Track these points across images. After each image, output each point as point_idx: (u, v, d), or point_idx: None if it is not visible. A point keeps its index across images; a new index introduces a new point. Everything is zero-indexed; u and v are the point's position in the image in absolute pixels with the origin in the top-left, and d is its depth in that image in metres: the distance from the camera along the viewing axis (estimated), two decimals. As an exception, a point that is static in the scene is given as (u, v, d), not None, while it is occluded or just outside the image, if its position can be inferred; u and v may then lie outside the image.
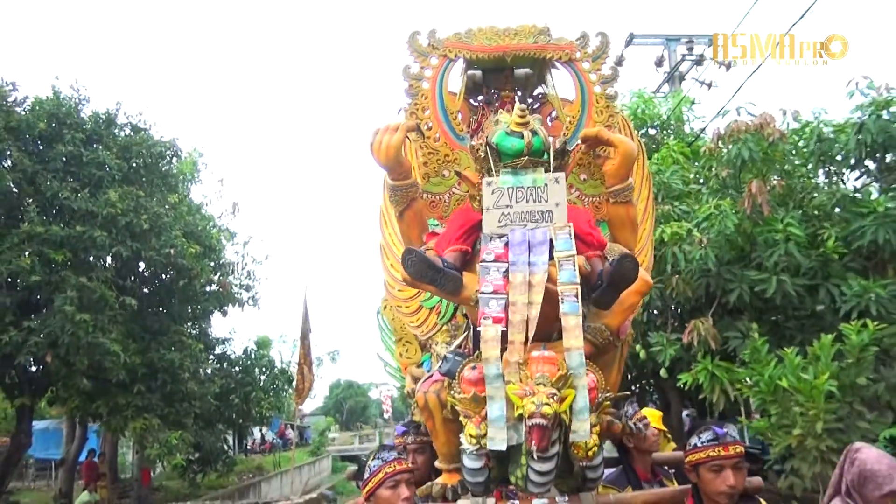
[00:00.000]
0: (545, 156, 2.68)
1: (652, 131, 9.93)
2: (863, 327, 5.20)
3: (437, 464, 2.95)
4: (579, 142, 3.06)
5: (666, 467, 3.45)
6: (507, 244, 2.56)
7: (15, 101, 11.23)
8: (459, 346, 2.97)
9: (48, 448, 18.18)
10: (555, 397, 2.21)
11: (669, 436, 3.85)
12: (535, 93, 3.40)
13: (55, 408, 14.06)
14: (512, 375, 2.31)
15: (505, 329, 2.39)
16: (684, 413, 12.23)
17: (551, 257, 2.49)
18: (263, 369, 16.22)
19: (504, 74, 3.27)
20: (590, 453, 2.35)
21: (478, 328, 2.51)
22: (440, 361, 2.86)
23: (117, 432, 13.57)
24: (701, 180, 7.97)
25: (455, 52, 3.17)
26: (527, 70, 3.25)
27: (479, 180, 2.75)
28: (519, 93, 3.34)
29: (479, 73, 3.27)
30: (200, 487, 15.31)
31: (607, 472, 3.28)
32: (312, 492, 16.83)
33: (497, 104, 3.23)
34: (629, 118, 10.22)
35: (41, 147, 11.27)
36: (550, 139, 2.75)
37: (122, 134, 12.88)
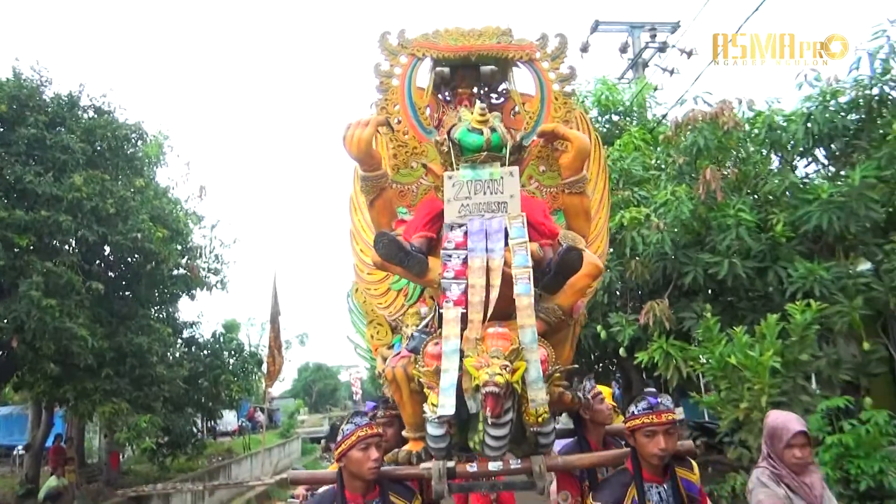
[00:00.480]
0: (503, 151, 2.92)
1: (615, 118, 10.20)
2: (806, 307, 5.53)
3: (404, 433, 3.17)
4: (537, 136, 3.26)
5: (619, 438, 3.69)
6: (466, 233, 2.80)
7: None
8: (427, 326, 3.18)
9: (12, 434, 18.03)
10: (507, 368, 2.46)
11: (619, 410, 4.11)
12: (500, 88, 3.60)
13: (20, 393, 13.93)
14: (470, 350, 2.55)
15: (465, 310, 2.64)
16: (646, 391, 12.65)
17: (506, 244, 2.73)
18: (233, 353, 16.23)
19: (470, 71, 3.46)
20: (540, 419, 2.60)
21: (441, 309, 2.77)
22: (408, 340, 3.08)
23: (84, 417, 13.52)
24: (662, 165, 8.25)
25: (423, 51, 3.36)
26: (492, 67, 3.46)
27: (444, 173, 2.98)
28: (485, 88, 3.55)
29: (447, 69, 3.46)
30: (170, 470, 15.30)
31: (563, 442, 3.55)
32: (283, 473, 16.98)
33: (457, 100, 3.44)
34: (594, 104, 10.51)
35: (2, 130, 11.06)
36: (509, 135, 2.98)
37: (86, 116, 12.69)
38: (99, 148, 12.30)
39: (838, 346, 6.38)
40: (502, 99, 3.57)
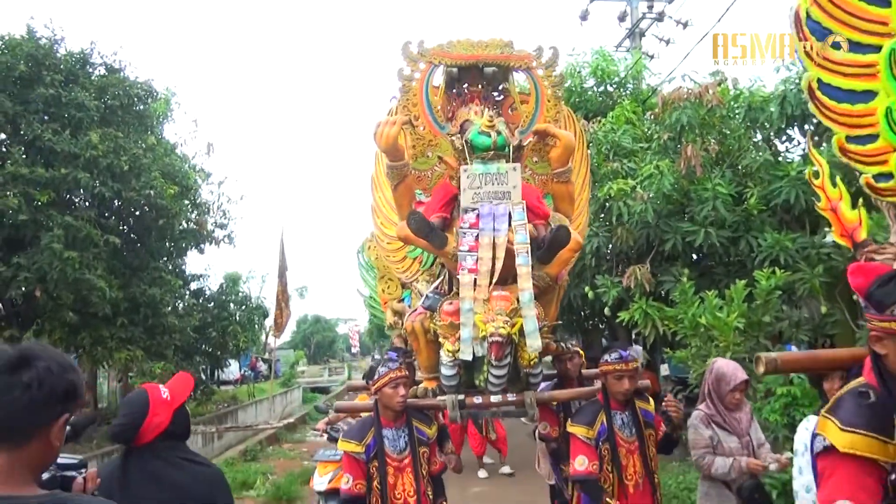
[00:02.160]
0: (507, 150, 3.60)
1: (610, 88, 10.64)
2: (772, 274, 6.13)
3: (418, 375, 3.93)
4: (532, 133, 3.92)
5: (589, 381, 4.50)
6: (478, 215, 3.47)
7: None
8: (437, 288, 3.89)
9: (27, 378, 18.82)
10: (508, 323, 3.14)
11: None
12: (500, 87, 4.20)
13: (41, 339, 14.54)
14: (479, 308, 3.24)
15: (476, 277, 3.33)
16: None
17: (510, 225, 3.41)
18: (240, 304, 16.90)
19: (475, 71, 4.07)
20: (531, 362, 3.35)
21: (456, 275, 3.49)
22: (422, 298, 3.80)
23: (98, 363, 14.20)
24: (651, 138, 8.75)
25: (439, 59, 3.97)
26: (494, 69, 4.08)
27: (456, 164, 3.66)
28: (489, 87, 4.15)
29: (455, 70, 4.06)
30: (180, 415, 16.14)
31: (545, 384, 4.36)
32: (289, 418, 17.84)
33: (468, 97, 4.06)
34: (590, 75, 10.93)
35: (21, 89, 11.43)
36: (511, 137, 3.67)
37: (97, 74, 13.02)
38: (111, 105, 12.68)
39: (809, 309, 7.02)
40: (502, 96, 4.16)
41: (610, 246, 7.95)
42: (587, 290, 7.99)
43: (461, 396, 3.58)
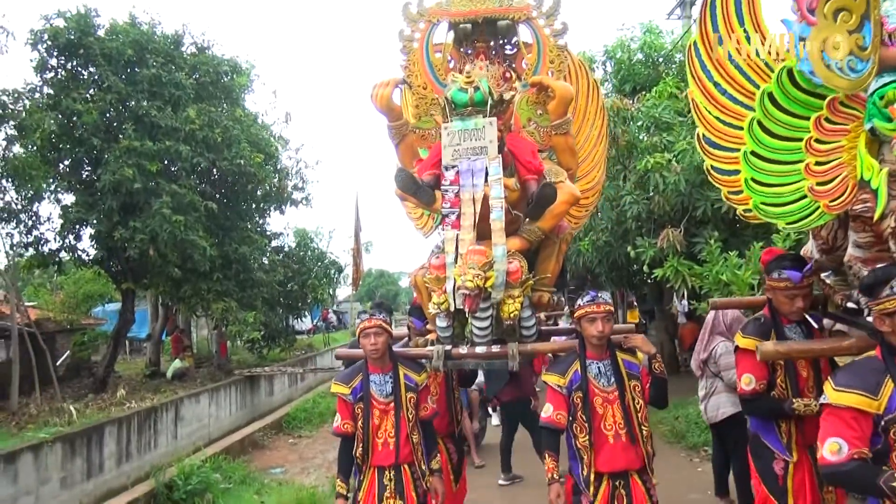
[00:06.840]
0: (486, 105, 3.50)
1: (659, 60, 11.40)
2: (786, 237, 7.05)
3: (427, 326, 4.10)
4: (531, 86, 3.93)
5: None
6: (458, 172, 3.45)
7: (97, 26, 12.81)
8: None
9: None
10: (479, 276, 3.18)
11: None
12: (513, 40, 4.15)
13: (150, 291, 16.33)
14: (459, 261, 3.30)
15: (458, 232, 3.37)
16: (683, 302, 14.30)
17: (486, 180, 3.40)
18: (317, 260, 18.52)
19: (488, 26, 4.03)
20: (511, 315, 3.37)
21: (441, 230, 3.64)
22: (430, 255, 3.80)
23: (194, 312, 16.00)
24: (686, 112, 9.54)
25: (437, 17, 4.01)
26: (507, 22, 4.00)
27: (442, 124, 3.65)
28: (502, 41, 4.13)
29: (469, 26, 4.00)
30: (266, 359, 17.98)
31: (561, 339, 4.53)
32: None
33: (475, 53, 4.06)
34: (639, 49, 11.68)
35: (129, 71, 12.96)
36: (495, 91, 3.58)
37: (188, 52, 14.47)
38: (202, 82, 14.13)
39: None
40: (515, 49, 4.11)
41: (648, 212, 8.90)
42: (630, 250, 9.00)
43: (448, 347, 3.59)
